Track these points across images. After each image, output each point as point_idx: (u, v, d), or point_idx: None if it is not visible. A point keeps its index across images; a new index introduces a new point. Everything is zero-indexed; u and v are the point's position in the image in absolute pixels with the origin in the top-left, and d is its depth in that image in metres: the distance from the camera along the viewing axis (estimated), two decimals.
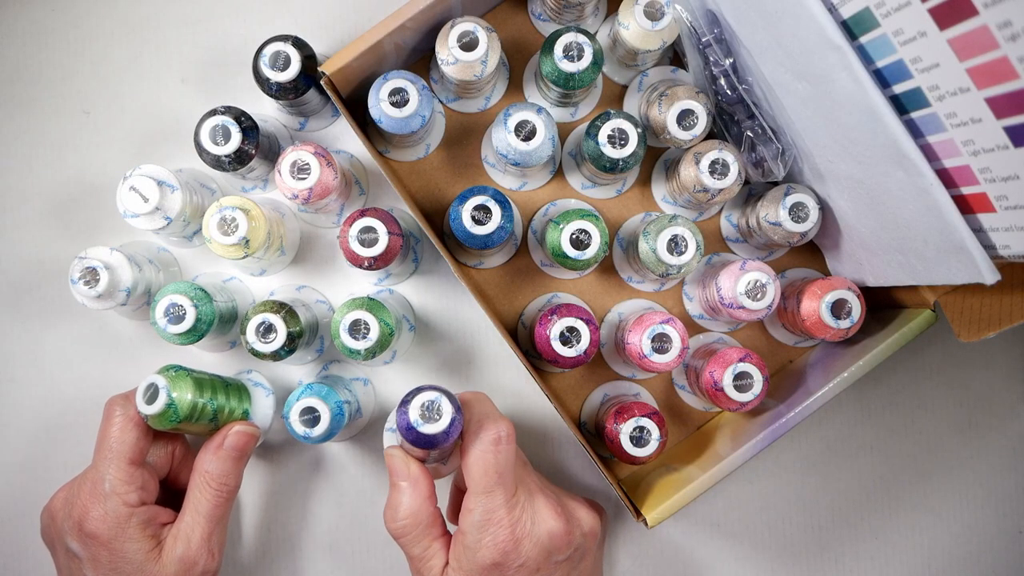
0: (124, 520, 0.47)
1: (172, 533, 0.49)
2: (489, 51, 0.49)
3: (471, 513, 0.46)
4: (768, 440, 0.49)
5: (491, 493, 0.45)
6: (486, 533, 0.45)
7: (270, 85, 0.50)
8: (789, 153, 0.50)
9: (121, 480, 0.47)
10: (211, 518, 0.49)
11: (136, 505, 0.48)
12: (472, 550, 0.45)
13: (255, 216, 0.49)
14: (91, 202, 0.56)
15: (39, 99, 0.56)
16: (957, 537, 0.58)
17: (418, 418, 0.43)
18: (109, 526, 0.47)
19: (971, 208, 0.41)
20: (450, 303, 0.57)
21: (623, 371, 0.56)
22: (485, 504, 0.45)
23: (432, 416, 0.43)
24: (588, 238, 0.49)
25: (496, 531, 0.45)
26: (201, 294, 0.49)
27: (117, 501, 0.47)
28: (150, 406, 0.46)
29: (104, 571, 0.47)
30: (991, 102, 0.35)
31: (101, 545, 0.47)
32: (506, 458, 0.46)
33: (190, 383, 0.48)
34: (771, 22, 0.44)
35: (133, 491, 0.48)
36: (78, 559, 0.48)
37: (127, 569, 0.47)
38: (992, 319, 0.45)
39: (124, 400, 0.49)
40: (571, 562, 0.48)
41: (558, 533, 0.46)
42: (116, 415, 0.48)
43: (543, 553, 0.46)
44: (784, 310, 0.54)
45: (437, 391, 0.44)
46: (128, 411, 0.48)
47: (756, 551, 0.58)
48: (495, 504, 0.45)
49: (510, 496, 0.46)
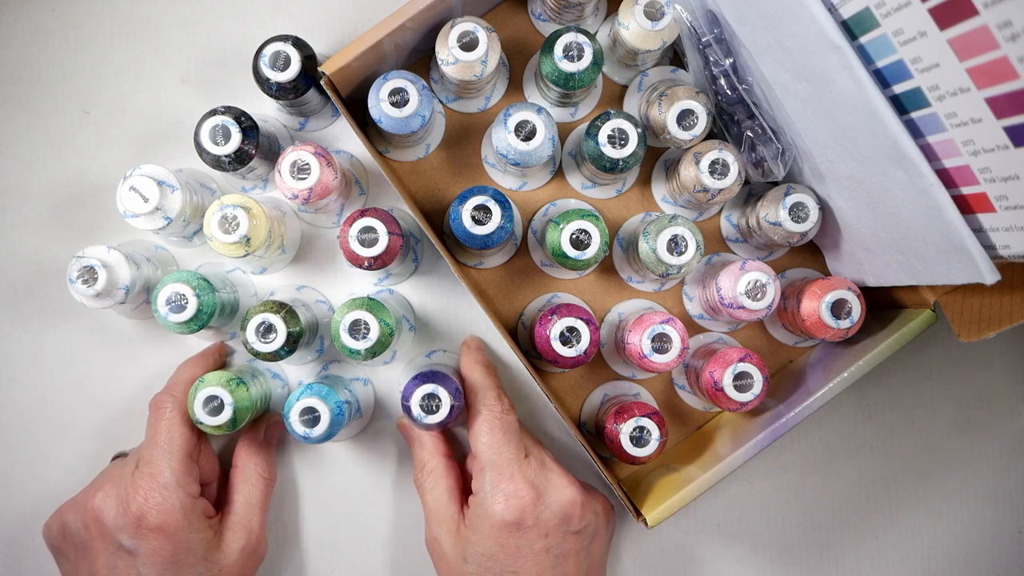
0: (190, 510, 0.48)
1: (228, 525, 0.50)
2: (489, 51, 0.49)
3: (482, 472, 0.47)
4: (768, 440, 0.49)
5: (500, 450, 0.47)
6: (498, 491, 0.46)
7: (270, 85, 0.50)
8: (789, 153, 0.50)
9: (184, 472, 0.48)
10: (263, 508, 0.52)
11: (197, 497, 0.49)
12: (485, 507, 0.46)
13: (256, 214, 0.49)
14: (91, 202, 0.56)
15: (39, 99, 0.56)
16: (957, 537, 0.58)
17: (420, 411, 0.47)
18: (176, 517, 0.47)
19: (971, 208, 0.41)
20: (450, 303, 0.57)
21: (623, 371, 0.56)
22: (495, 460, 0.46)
23: (431, 408, 0.47)
24: (588, 238, 0.49)
25: (508, 486, 0.46)
26: (203, 284, 0.49)
27: (182, 493, 0.47)
28: (215, 418, 0.48)
29: (164, 566, 0.47)
30: (991, 102, 0.35)
31: (166, 538, 0.47)
32: (514, 422, 0.48)
33: (245, 390, 0.49)
34: (771, 22, 0.44)
35: (194, 482, 0.49)
36: (130, 556, 0.47)
37: (189, 560, 0.47)
38: (992, 319, 0.45)
39: (172, 396, 0.50)
40: (581, 537, 0.48)
41: (574, 500, 0.47)
42: (167, 411, 0.49)
43: (556, 518, 0.46)
44: (784, 310, 0.54)
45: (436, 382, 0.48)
46: (178, 407, 0.49)
47: (756, 551, 0.58)
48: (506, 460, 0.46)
49: (522, 456, 0.47)
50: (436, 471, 0.50)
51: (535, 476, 0.47)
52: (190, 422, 0.49)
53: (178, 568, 0.47)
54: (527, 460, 0.47)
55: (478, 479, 0.48)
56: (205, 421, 0.48)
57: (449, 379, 0.49)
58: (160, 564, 0.47)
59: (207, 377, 0.49)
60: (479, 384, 0.51)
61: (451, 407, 0.48)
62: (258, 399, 0.51)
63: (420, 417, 0.48)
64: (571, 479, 0.49)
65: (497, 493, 0.46)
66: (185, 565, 0.47)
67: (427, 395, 0.48)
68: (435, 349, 0.57)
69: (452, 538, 0.48)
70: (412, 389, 0.48)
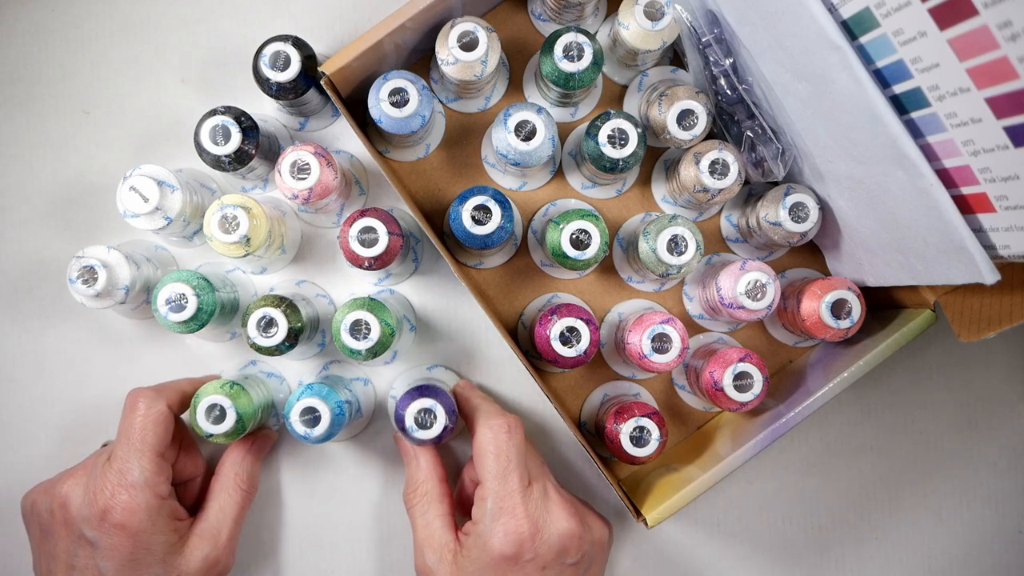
0: (155, 512, 0.47)
1: (197, 532, 0.50)
2: (489, 51, 0.49)
3: (484, 501, 0.46)
4: (768, 440, 0.49)
5: (504, 480, 0.46)
6: (498, 523, 0.45)
7: (270, 85, 0.50)
8: (789, 153, 0.50)
9: (153, 472, 0.48)
10: (237, 520, 0.51)
11: (166, 497, 0.48)
12: (484, 539, 0.45)
13: (256, 214, 0.49)
14: (91, 202, 0.56)
15: (39, 99, 0.56)
16: (957, 537, 0.58)
17: (413, 424, 0.47)
18: (140, 518, 0.47)
19: (971, 208, 0.41)
20: (450, 303, 0.57)
21: (623, 371, 0.56)
22: (498, 491, 0.45)
23: (426, 423, 0.47)
24: (588, 238, 0.49)
25: (509, 521, 0.45)
26: (203, 283, 0.49)
27: (149, 493, 0.47)
28: (218, 426, 0.48)
29: (121, 562, 0.47)
30: (991, 102, 0.35)
31: (128, 536, 0.46)
32: (517, 446, 0.47)
33: (244, 394, 0.49)
34: (771, 22, 0.44)
35: (164, 482, 0.48)
36: (91, 547, 0.47)
37: (148, 561, 0.47)
38: (992, 319, 0.45)
39: (150, 393, 0.49)
40: (578, 568, 0.48)
41: (572, 534, 0.46)
42: (141, 407, 0.48)
43: (554, 552, 0.46)
44: (784, 310, 0.54)
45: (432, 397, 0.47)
46: (155, 404, 0.49)
47: (756, 551, 0.58)
48: (509, 490, 0.45)
49: (525, 486, 0.46)
50: (430, 494, 0.49)
51: (535, 509, 0.46)
52: (168, 420, 0.49)
53: (135, 566, 0.47)
54: (529, 490, 0.46)
55: (479, 507, 0.47)
56: (211, 431, 0.48)
57: (445, 394, 0.48)
58: (118, 560, 0.47)
59: (202, 388, 0.49)
60: (480, 403, 0.51)
61: (444, 426, 0.47)
62: (260, 402, 0.51)
63: (413, 431, 0.47)
64: (570, 509, 0.48)
65: (497, 526, 0.45)
66: (143, 564, 0.47)
67: (423, 410, 0.47)
68: (436, 364, 0.57)
69: (448, 568, 0.47)
70: (407, 403, 0.47)
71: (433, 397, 0.47)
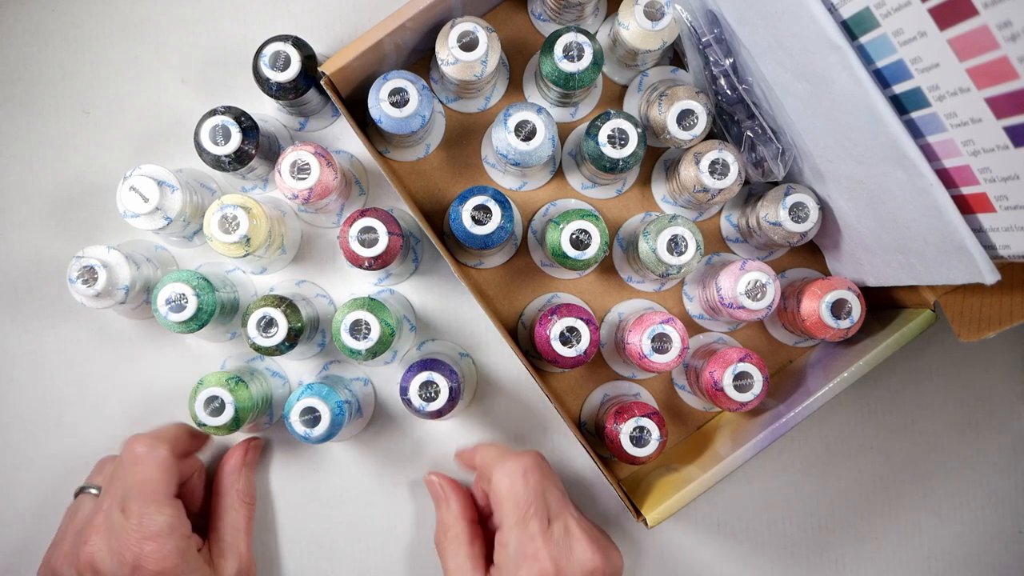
0: (186, 552, 0.48)
1: (218, 552, 0.51)
2: (489, 51, 0.49)
3: (505, 548, 0.46)
4: (768, 440, 0.49)
5: (525, 526, 0.45)
6: (522, 568, 0.45)
7: (270, 85, 0.50)
8: (789, 153, 0.50)
9: (175, 516, 0.48)
10: (248, 531, 0.53)
11: (190, 535, 0.49)
12: None
13: (256, 214, 0.49)
14: (91, 202, 0.56)
15: (39, 99, 0.56)
16: (957, 537, 0.58)
17: (419, 400, 0.49)
18: (176, 562, 0.47)
19: (971, 208, 0.41)
20: (450, 303, 0.57)
21: (623, 371, 0.56)
22: (519, 537, 0.45)
23: (430, 395, 0.48)
24: (588, 238, 0.49)
25: (532, 566, 0.45)
26: (203, 283, 0.49)
27: (178, 536, 0.48)
28: (217, 418, 0.48)
29: None
30: (991, 102, 0.35)
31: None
32: (535, 488, 0.47)
33: (245, 389, 0.49)
34: (771, 22, 0.44)
35: (184, 522, 0.49)
36: None
37: None
38: (992, 319, 0.45)
39: (148, 439, 0.49)
40: None
41: (595, 569, 0.46)
42: (145, 456, 0.48)
43: None
44: (784, 310, 0.54)
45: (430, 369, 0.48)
46: (157, 450, 0.48)
47: (756, 551, 0.58)
48: (530, 535, 0.45)
49: (545, 527, 0.46)
50: (460, 536, 0.49)
51: (557, 549, 0.46)
52: (170, 460, 0.49)
53: None
54: (550, 531, 0.46)
55: (500, 553, 0.47)
56: (207, 422, 0.48)
57: (443, 364, 0.49)
58: None
59: (206, 378, 0.49)
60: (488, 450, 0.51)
61: (450, 389, 0.48)
62: (259, 398, 0.51)
63: (421, 407, 0.48)
64: (593, 545, 0.47)
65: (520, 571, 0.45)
66: None
67: (424, 383, 0.48)
68: (424, 340, 0.57)
69: None
70: (408, 380, 0.48)
71: (431, 369, 0.48)
